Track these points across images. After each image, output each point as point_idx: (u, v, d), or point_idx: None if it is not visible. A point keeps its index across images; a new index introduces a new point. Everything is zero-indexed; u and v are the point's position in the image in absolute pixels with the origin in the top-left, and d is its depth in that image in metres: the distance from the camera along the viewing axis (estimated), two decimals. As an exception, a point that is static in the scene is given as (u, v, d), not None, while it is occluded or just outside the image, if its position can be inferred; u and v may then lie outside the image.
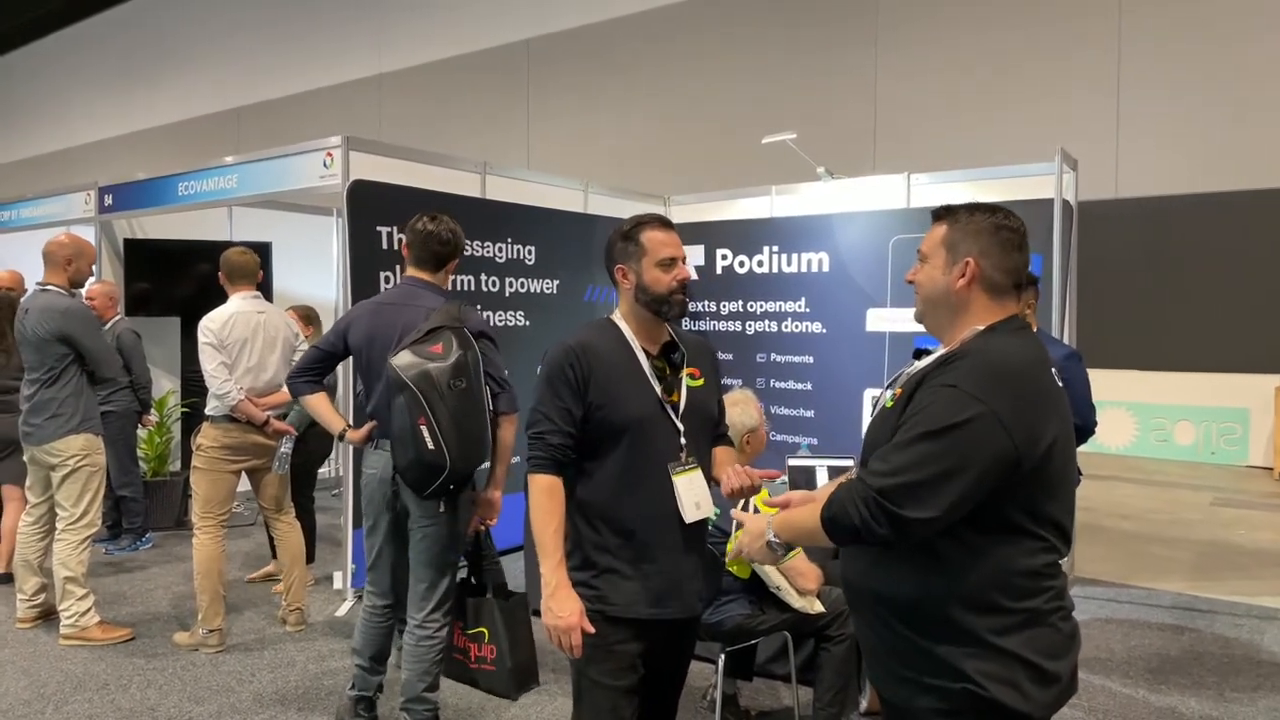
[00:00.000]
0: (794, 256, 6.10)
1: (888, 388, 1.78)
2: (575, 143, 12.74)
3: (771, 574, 3.00)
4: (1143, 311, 9.43)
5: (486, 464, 3.13)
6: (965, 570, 1.56)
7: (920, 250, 1.80)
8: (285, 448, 4.28)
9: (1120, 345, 9.36)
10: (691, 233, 6.65)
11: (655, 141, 12.15)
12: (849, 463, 4.04)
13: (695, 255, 6.62)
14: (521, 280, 5.66)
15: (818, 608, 3.04)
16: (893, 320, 5.76)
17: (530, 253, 5.70)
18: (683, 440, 2.14)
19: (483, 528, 3.50)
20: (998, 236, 1.69)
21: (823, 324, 6.06)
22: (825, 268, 6.00)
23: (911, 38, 10.51)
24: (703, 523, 2.19)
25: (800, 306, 6.12)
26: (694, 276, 6.21)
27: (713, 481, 2.26)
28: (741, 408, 3.12)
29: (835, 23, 10.99)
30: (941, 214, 1.78)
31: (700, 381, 2.25)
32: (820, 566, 3.10)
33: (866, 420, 6.08)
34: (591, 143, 12.64)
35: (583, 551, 2.14)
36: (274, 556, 5.08)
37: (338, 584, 5.02)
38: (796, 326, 6.14)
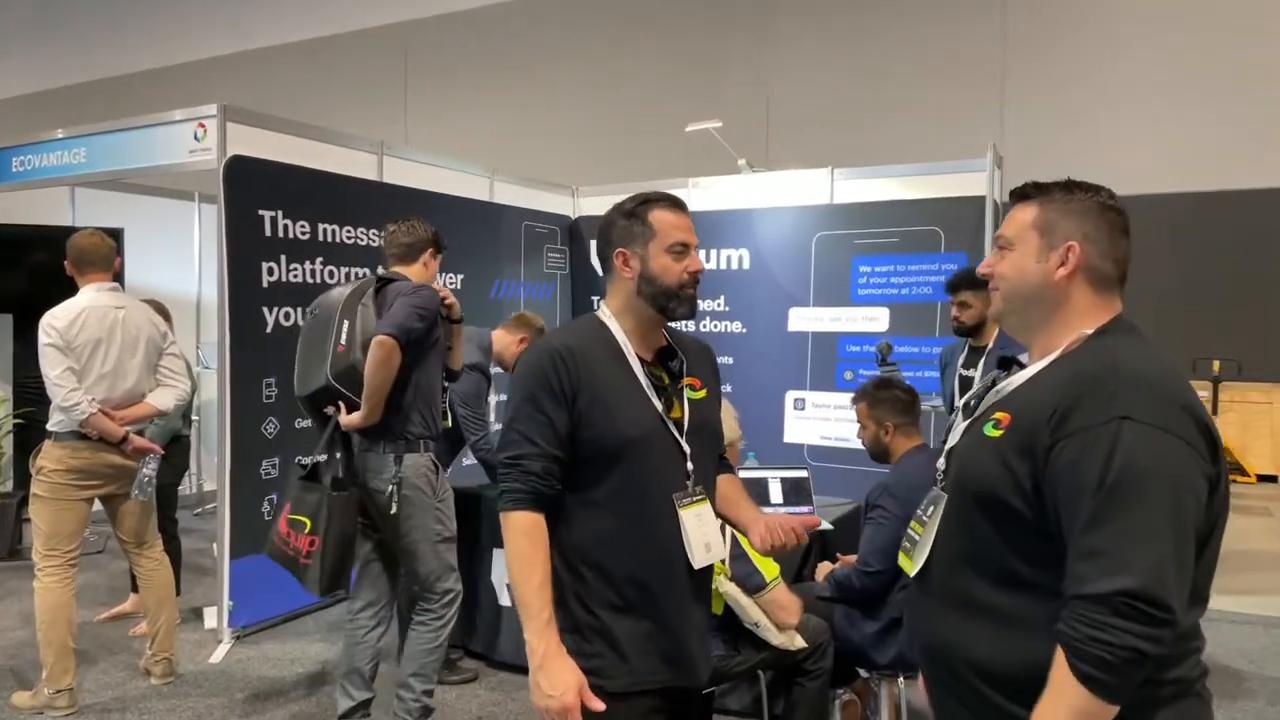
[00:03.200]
0: (713, 253, 5.80)
1: (980, 409, 1.44)
2: (476, 130, 12.10)
3: (749, 609, 2.65)
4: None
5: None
6: None
7: (1002, 235, 1.48)
8: (149, 469, 3.59)
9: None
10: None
11: (560, 129, 11.67)
12: (803, 474, 3.78)
13: (608, 250, 6.24)
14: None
15: (799, 643, 2.72)
16: (816, 320, 5.57)
17: (432, 244, 5.16)
18: (689, 466, 1.76)
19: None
20: (1105, 218, 1.40)
21: (743, 323, 5.81)
22: (745, 265, 5.74)
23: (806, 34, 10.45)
24: (710, 568, 1.81)
25: (719, 305, 5.84)
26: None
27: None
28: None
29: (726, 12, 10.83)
30: (1030, 191, 1.46)
31: (702, 393, 1.86)
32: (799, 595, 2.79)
33: (789, 423, 5.65)
34: (491, 130, 12.05)
35: (566, 609, 1.71)
36: (134, 590, 4.38)
37: (210, 622, 4.35)
38: (715, 326, 5.86)
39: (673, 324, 1.89)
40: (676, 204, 1.82)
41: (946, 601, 1.40)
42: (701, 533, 1.76)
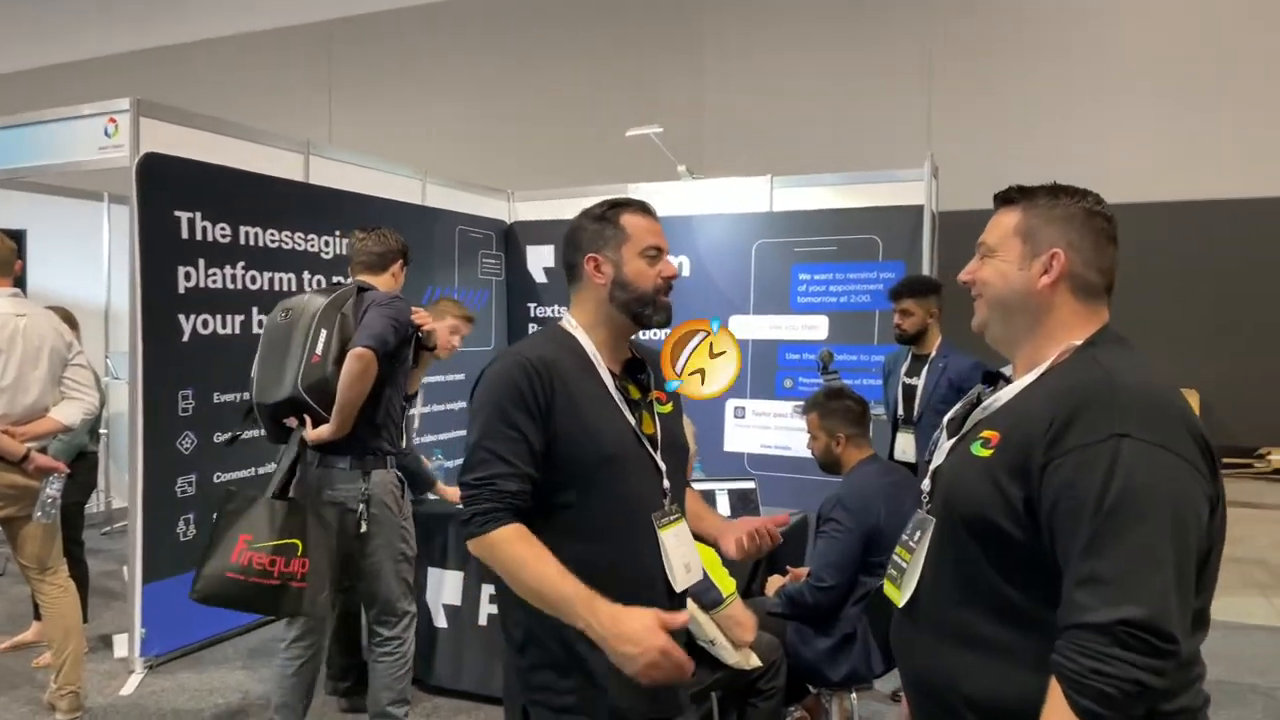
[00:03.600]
0: (653, 259, 5.72)
1: (966, 427, 1.37)
2: (406, 132, 11.79)
3: (705, 626, 2.56)
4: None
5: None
6: None
7: (983, 242, 1.42)
8: (52, 490, 3.31)
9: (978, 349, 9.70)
10: (539, 232, 6.16)
11: (496, 133, 11.46)
12: (750, 485, 3.72)
13: (545, 257, 6.11)
14: (337, 280, 4.89)
15: (754, 662, 2.64)
16: (756, 328, 5.54)
17: (362, 248, 4.95)
18: (665, 483, 1.69)
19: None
20: (1090, 224, 1.34)
21: (683, 332, 5.72)
22: (686, 272, 5.67)
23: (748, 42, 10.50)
24: (687, 591, 1.73)
25: (659, 313, 5.75)
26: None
27: None
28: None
29: (667, 18, 10.81)
30: (1014, 195, 1.40)
31: (669, 407, 1.80)
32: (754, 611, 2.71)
33: (729, 431, 5.57)
34: (423, 132, 11.77)
35: (538, 643, 1.60)
36: (36, 618, 4.07)
37: (120, 651, 4.07)
38: (656, 334, 5.76)
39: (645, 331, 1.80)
40: (646, 209, 1.76)
41: (937, 633, 1.32)
42: (681, 553, 1.68)
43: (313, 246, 4.64)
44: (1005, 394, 1.34)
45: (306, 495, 2.85)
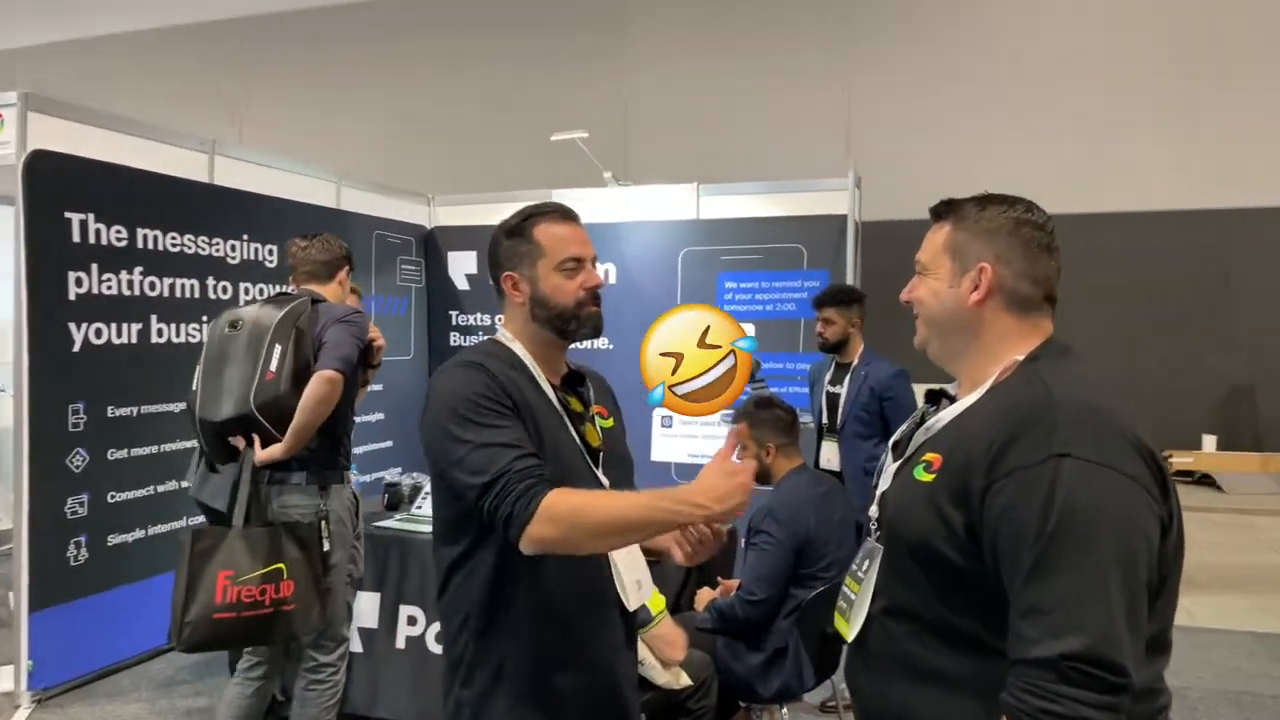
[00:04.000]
0: (578, 267, 5.63)
1: (910, 449, 1.31)
2: (323, 134, 11.42)
3: (634, 647, 2.47)
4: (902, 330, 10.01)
5: None
6: None
7: (918, 260, 1.39)
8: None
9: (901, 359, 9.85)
10: (461, 238, 6.01)
11: (417, 136, 11.19)
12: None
13: (467, 263, 5.96)
14: (261, 287, 4.67)
15: (684, 681, 2.56)
16: (683, 336, 5.49)
17: (272, 254, 4.73)
18: None
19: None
20: (1018, 235, 1.30)
21: (609, 340, 5.64)
22: (612, 280, 5.60)
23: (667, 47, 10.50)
24: (639, 611, 1.68)
25: (585, 321, 5.67)
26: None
27: None
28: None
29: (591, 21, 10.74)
30: (942, 211, 1.37)
31: (611, 422, 1.75)
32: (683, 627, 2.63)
33: (656, 441, 5.44)
34: (341, 134, 11.42)
35: (487, 668, 1.52)
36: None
37: (5, 684, 3.77)
38: (582, 343, 5.67)
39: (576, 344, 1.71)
40: (566, 215, 1.66)
41: (890, 666, 1.26)
42: (632, 570, 1.62)
43: (218, 251, 4.40)
44: (948, 414, 1.29)
45: (264, 515, 2.71)
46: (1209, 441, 8.85)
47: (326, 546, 2.74)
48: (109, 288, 3.86)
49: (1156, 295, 9.00)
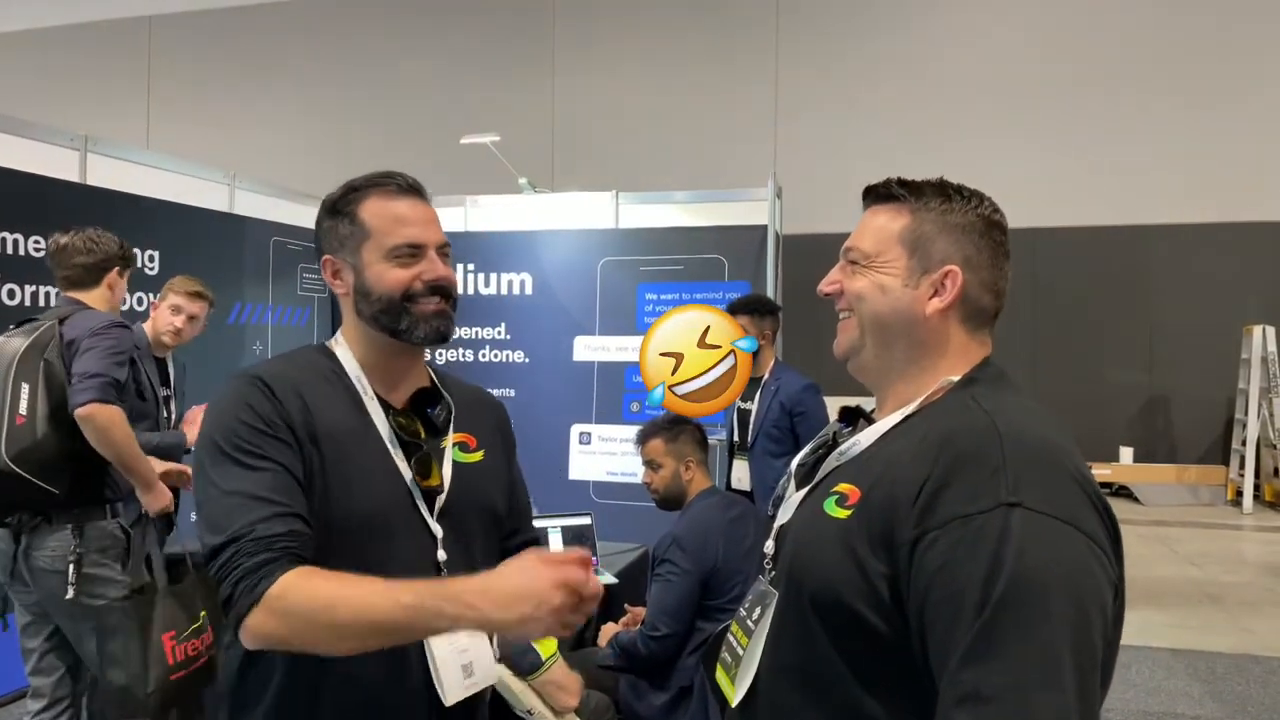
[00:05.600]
0: (492, 277, 5.39)
1: (818, 476, 1.08)
2: (225, 134, 10.94)
3: (522, 695, 2.23)
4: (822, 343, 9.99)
5: None
6: None
7: (854, 246, 1.11)
8: None
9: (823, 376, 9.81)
10: (368, 245, 5.70)
11: (321, 138, 10.79)
12: (586, 520, 3.44)
13: (374, 271, 5.66)
14: (139, 296, 4.31)
15: (579, 729, 2.33)
16: (603, 349, 5.29)
17: (153, 259, 4.37)
18: (441, 554, 1.29)
19: None
20: (989, 238, 1.08)
21: (525, 352, 5.43)
22: (528, 290, 5.38)
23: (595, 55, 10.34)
24: (479, 698, 1.35)
25: (500, 333, 5.43)
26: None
27: None
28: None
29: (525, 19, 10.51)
30: (897, 192, 1.10)
31: (477, 455, 1.39)
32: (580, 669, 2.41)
33: (574, 459, 5.12)
34: (242, 135, 10.95)
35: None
36: None
37: None
38: (496, 355, 5.44)
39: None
40: (405, 188, 1.33)
41: None
42: (457, 653, 1.28)
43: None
44: (866, 437, 1.06)
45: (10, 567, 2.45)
46: (1126, 453, 9.00)
47: (70, 593, 2.42)
48: (-46, 295, 3.49)
49: (1075, 307, 9.13)
